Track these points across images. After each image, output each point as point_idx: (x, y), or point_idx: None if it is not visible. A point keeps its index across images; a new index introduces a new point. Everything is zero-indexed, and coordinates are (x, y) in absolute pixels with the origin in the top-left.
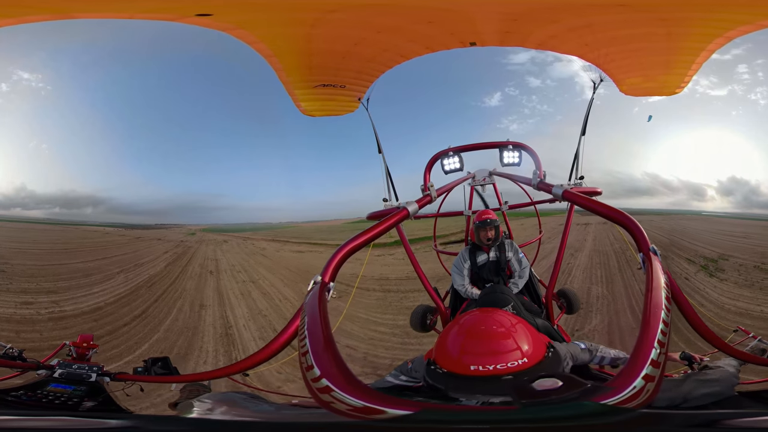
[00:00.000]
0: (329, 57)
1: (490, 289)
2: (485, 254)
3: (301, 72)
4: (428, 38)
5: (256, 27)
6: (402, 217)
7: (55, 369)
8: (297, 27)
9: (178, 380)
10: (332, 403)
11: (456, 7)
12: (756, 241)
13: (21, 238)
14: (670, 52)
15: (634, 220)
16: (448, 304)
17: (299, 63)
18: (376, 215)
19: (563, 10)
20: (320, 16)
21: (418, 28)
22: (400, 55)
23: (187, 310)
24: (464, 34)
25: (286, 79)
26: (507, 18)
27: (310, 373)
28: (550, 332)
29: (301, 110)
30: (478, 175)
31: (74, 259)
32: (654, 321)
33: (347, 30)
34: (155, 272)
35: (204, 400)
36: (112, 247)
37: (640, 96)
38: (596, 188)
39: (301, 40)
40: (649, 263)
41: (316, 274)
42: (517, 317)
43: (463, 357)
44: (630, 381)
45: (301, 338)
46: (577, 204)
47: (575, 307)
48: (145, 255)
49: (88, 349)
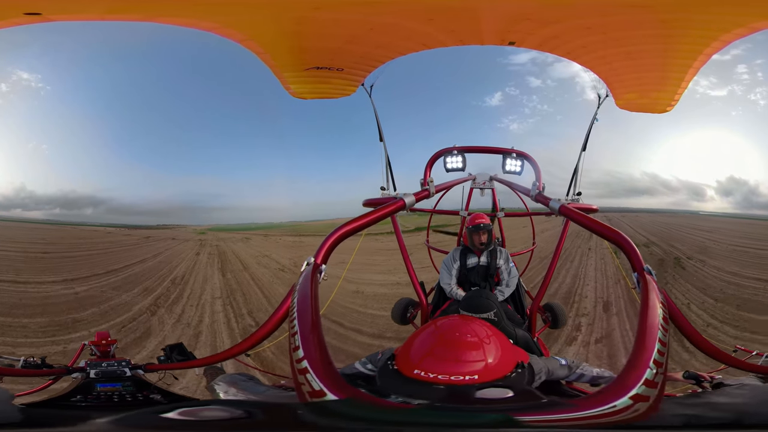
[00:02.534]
0: (329, 40)
1: (475, 292)
2: (476, 258)
3: (292, 54)
4: (461, 32)
5: (244, 26)
6: (398, 207)
7: (87, 370)
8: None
9: (197, 365)
10: (303, 384)
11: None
12: (719, 236)
13: (46, 238)
14: (665, 68)
15: (629, 239)
16: (431, 300)
17: (290, 45)
18: (372, 202)
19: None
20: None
21: (447, 19)
22: (422, 44)
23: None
24: (477, 32)
25: (272, 62)
26: (520, 18)
27: (295, 354)
28: (529, 344)
29: (290, 92)
30: (478, 178)
31: (121, 262)
32: (650, 341)
33: (358, 15)
34: (236, 268)
35: (220, 383)
36: (137, 249)
37: (633, 111)
38: (593, 206)
39: (293, 23)
40: (644, 283)
41: (309, 255)
42: (494, 329)
43: (422, 360)
44: (609, 399)
45: (291, 319)
46: (572, 220)
47: (560, 322)
48: (179, 254)
49: (109, 345)
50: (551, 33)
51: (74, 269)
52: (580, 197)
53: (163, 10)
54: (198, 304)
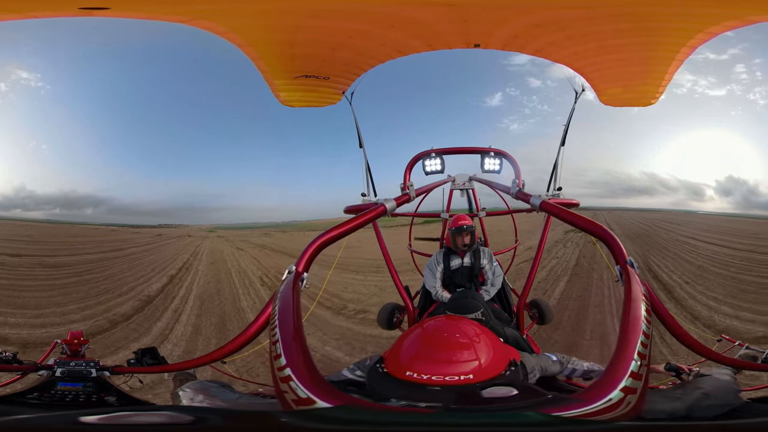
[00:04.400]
0: (317, 47)
1: (460, 293)
2: (459, 259)
3: (283, 61)
4: (429, 36)
5: (243, 30)
6: (379, 213)
7: (55, 368)
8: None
9: (168, 369)
10: (286, 392)
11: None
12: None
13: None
14: (648, 62)
15: (611, 232)
16: (417, 304)
17: (282, 53)
18: (353, 209)
19: (547, 14)
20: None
21: (417, 25)
22: (396, 51)
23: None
24: (468, 35)
25: (265, 68)
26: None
27: (277, 362)
28: (519, 342)
29: (280, 100)
30: (458, 179)
31: (174, 258)
32: (633, 333)
33: (341, 23)
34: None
35: (186, 389)
36: (170, 247)
37: (618, 106)
38: (573, 200)
39: (286, 32)
40: (626, 275)
41: (291, 263)
42: (483, 328)
43: (414, 361)
44: (605, 393)
45: (272, 327)
46: (554, 215)
47: (547, 318)
48: (219, 250)
49: (80, 345)
50: (511, 32)
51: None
52: (560, 192)
53: (168, 8)
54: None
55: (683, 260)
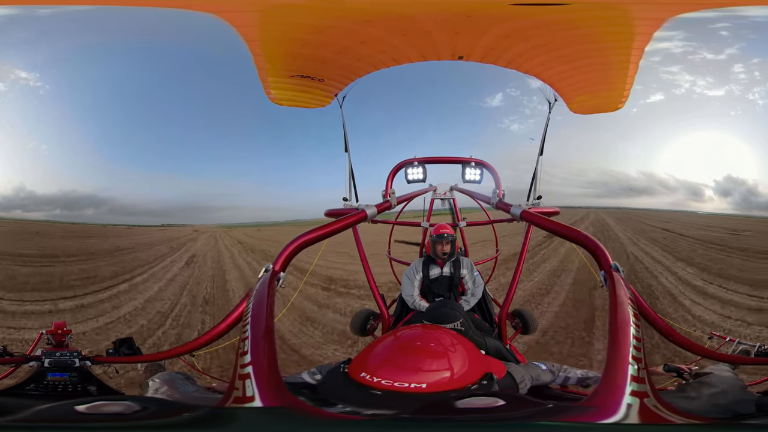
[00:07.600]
0: (324, 49)
1: (439, 303)
2: (439, 268)
3: (285, 60)
4: (424, 47)
5: (257, 25)
6: (359, 218)
7: (42, 359)
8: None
9: (142, 360)
10: (236, 390)
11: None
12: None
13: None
14: (605, 67)
15: (593, 239)
16: (393, 312)
17: (288, 52)
18: (334, 213)
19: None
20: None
21: (417, 34)
22: (393, 59)
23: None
24: (455, 46)
25: (264, 65)
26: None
27: (241, 359)
28: (502, 352)
29: (270, 98)
30: (439, 189)
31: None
32: (623, 337)
33: (360, 26)
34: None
35: (155, 380)
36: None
37: (587, 114)
38: (554, 208)
39: (305, 31)
40: (611, 280)
41: (268, 262)
42: (461, 338)
43: (379, 366)
44: (617, 398)
45: (244, 323)
46: (534, 224)
47: (531, 328)
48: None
49: (64, 335)
50: (487, 44)
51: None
52: (540, 201)
53: None
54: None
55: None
